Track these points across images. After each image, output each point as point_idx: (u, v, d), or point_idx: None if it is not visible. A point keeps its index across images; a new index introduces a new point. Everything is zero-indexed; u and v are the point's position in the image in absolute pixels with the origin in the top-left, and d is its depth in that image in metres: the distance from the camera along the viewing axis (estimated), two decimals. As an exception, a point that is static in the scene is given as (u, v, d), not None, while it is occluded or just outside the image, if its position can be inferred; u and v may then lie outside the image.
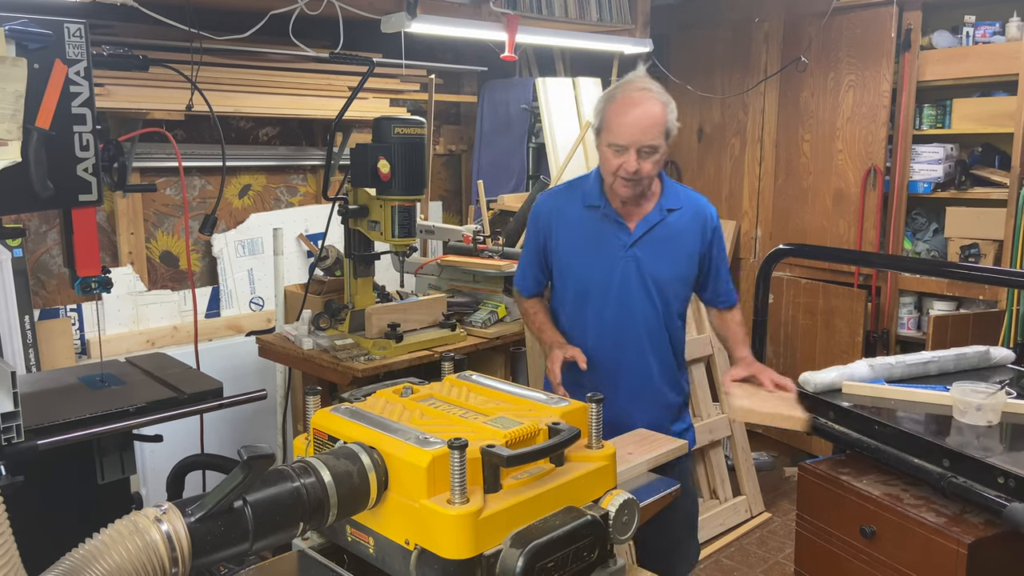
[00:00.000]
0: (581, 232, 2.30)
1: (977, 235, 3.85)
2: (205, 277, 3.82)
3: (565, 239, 2.32)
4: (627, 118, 2.13)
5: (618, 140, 2.13)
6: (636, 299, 2.28)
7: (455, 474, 1.12)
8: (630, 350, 2.31)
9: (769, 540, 3.71)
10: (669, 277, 2.30)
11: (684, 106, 4.94)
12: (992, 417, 1.99)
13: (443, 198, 4.82)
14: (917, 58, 3.96)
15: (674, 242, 2.29)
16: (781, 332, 4.53)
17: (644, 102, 2.14)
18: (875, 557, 1.99)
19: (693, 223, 2.32)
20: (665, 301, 2.31)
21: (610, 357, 2.30)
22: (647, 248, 2.27)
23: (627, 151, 2.13)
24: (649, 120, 2.12)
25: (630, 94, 2.16)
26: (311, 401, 1.38)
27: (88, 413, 1.92)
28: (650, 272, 2.27)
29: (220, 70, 3.46)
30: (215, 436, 3.25)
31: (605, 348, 2.30)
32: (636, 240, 2.26)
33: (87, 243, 1.93)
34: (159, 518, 1.01)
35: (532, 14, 3.81)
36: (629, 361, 2.31)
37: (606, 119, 2.17)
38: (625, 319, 2.29)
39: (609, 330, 2.30)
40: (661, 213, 2.28)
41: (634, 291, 2.27)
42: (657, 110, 2.14)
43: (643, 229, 2.27)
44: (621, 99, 2.16)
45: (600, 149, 2.22)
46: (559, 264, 2.35)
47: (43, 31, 1.75)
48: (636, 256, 2.26)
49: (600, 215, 2.28)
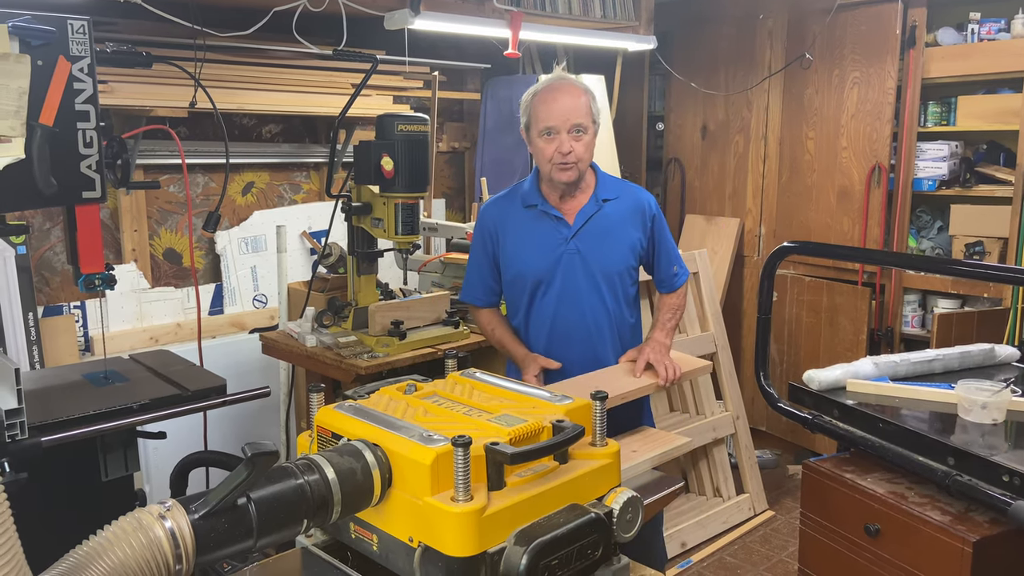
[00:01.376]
0: (523, 232, 2.37)
1: (982, 233, 3.84)
2: (208, 274, 3.82)
3: (510, 242, 2.38)
4: (554, 104, 2.25)
5: (548, 122, 2.24)
6: (583, 291, 2.34)
7: (459, 471, 1.12)
8: (583, 342, 2.37)
9: (773, 538, 3.71)
10: (611, 266, 2.36)
11: (688, 103, 4.94)
12: (997, 415, 1.99)
13: (446, 195, 4.82)
14: (922, 55, 3.94)
15: (613, 232, 2.36)
16: (785, 330, 4.52)
17: (566, 88, 2.27)
18: (879, 555, 1.99)
19: (632, 213, 2.39)
20: (612, 289, 2.37)
21: (564, 351, 2.36)
22: (587, 240, 2.33)
23: (558, 134, 2.23)
24: (573, 102, 2.24)
25: (552, 84, 2.30)
26: (315, 398, 1.37)
27: (92, 410, 1.92)
28: (593, 262, 2.33)
29: (223, 67, 3.46)
30: (218, 433, 3.25)
31: (559, 342, 2.36)
32: (576, 232, 2.33)
33: (91, 240, 1.93)
34: (163, 515, 1.01)
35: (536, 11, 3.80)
36: (583, 353, 2.36)
37: (533, 111, 2.29)
38: (574, 312, 2.35)
39: (561, 325, 2.36)
40: (597, 204, 2.35)
41: (580, 283, 2.33)
42: (579, 94, 2.26)
43: (581, 221, 2.33)
44: (544, 90, 2.28)
45: (534, 144, 2.32)
46: (507, 267, 2.40)
47: (47, 28, 1.75)
48: (577, 248, 2.33)
49: (538, 213, 2.36)
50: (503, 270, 2.42)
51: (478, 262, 2.48)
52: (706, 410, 3.78)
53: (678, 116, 5.04)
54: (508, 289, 2.44)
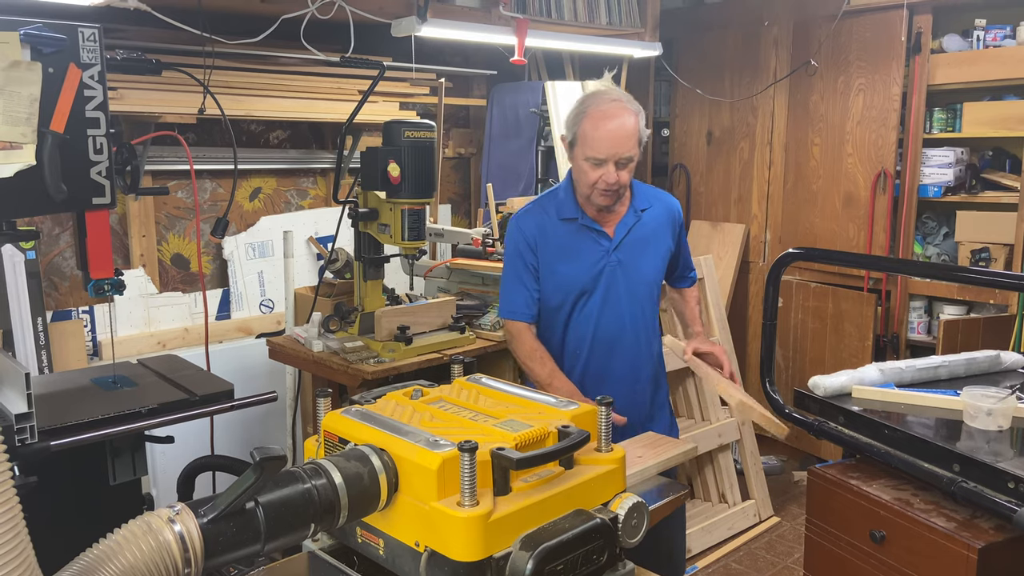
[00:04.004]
0: (564, 246, 2.33)
1: (988, 239, 3.83)
2: (216, 279, 3.84)
3: (551, 255, 2.34)
4: (603, 132, 2.16)
5: (596, 154, 2.18)
6: (623, 300, 2.33)
7: (465, 476, 1.12)
8: (624, 350, 2.36)
9: (778, 544, 3.70)
10: (650, 274, 2.37)
11: (693, 109, 4.95)
12: (1003, 422, 1.99)
13: (452, 201, 4.83)
14: (927, 62, 3.95)
15: (651, 241, 2.36)
16: (790, 336, 4.52)
17: (618, 114, 2.18)
18: (885, 562, 1.99)
19: (665, 220, 2.39)
20: (650, 296, 2.38)
21: (606, 360, 2.35)
22: (628, 251, 2.33)
23: (605, 164, 2.18)
24: (624, 132, 2.17)
25: (603, 107, 2.19)
26: (322, 403, 1.38)
27: (100, 414, 1.93)
28: (634, 272, 2.33)
29: (232, 74, 3.48)
30: (225, 437, 3.26)
31: (600, 352, 2.35)
32: (617, 244, 2.32)
33: (100, 246, 1.94)
34: (172, 519, 1.02)
35: (541, 18, 3.82)
36: (624, 361, 2.36)
37: (581, 133, 2.21)
38: (615, 321, 2.33)
39: (603, 334, 2.34)
40: (636, 215, 2.34)
41: (621, 293, 2.32)
42: (631, 121, 2.19)
43: (622, 232, 2.32)
44: (595, 112, 2.19)
45: (576, 162, 2.26)
46: (547, 280, 2.35)
47: (58, 36, 1.76)
48: (619, 260, 2.32)
49: (578, 227, 2.32)
50: (542, 282, 2.35)
51: (518, 276, 2.36)
52: (711, 416, 3.77)
53: (683, 122, 5.05)
54: (547, 301, 2.36)
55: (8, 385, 1.80)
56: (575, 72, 4.81)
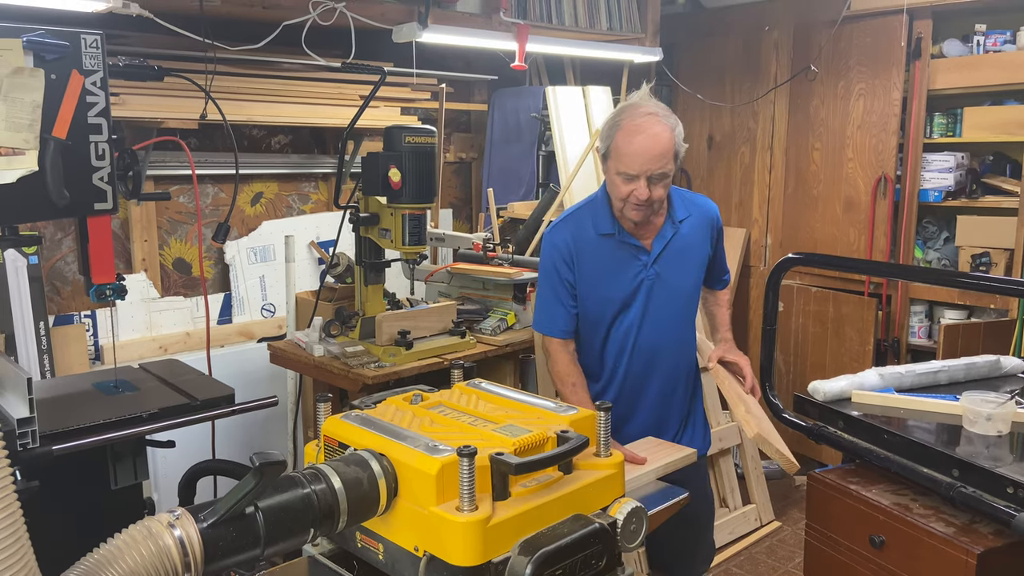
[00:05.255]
0: (602, 261, 2.27)
1: (988, 244, 3.84)
2: (217, 284, 3.85)
3: (589, 270, 2.28)
4: (636, 147, 2.10)
5: (628, 169, 2.11)
6: (663, 312, 2.29)
7: (464, 481, 1.13)
8: (664, 361, 2.33)
9: (779, 549, 3.70)
10: (689, 285, 2.33)
11: (694, 114, 4.96)
12: (1002, 427, 1.99)
13: (453, 206, 4.84)
14: (928, 66, 3.95)
15: (689, 252, 2.32)
16: (791, 340, 4.52)
17: (652, 128, 2.11)
18: (884, 567, 1.99)
19: (703, 228, 2.35)
20: (689, 305, 2.35)
21: (646, 370, 2.32)
22: (666, 264, 2.28)
23: (638, 179, 2.11)
24: (659, 148, 2.10)
25: (637, 120, 2.12)
26: (322, 408, 1.39)
27: (102, 419, 1.93)
28: (673, 283, 2.29)
29: (233, 79, 3.49)
30: (226, 442, 3.27)
31: (640, 362, 2.31)
32: (656, 258, 2.27)
33: (102, 251, 1.95)
34: (172, 523, 1.02)
35: (542, 23, 3.83)
36: (663, 372, 2.33)
37: (614, 147, 2.14)
38: (655, 332, 2.30)
39: (641, 353, 2.31)
40: (674, 226, 2.29)
41: (661, 304, 2.28)
42: (666, 136, 2.12)
43: (660, 246, 2.27)
44: (628, 126, 2.12)
45: (609, 176, 2.20)
46: (586, 294, 2.29)
47: (60, 42, 1.77)
48: (658, 272, 2.27)
49: (616, 242, 2.26)
50: (580, 297, 2.30)
51: (554, 292, 2.29)
52: (712, 420, 3.77)
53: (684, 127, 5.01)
54: (585, 314, 2.32)
55: (10, 390, 1.81)
56: (576, 77, 4.82)
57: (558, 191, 3.86)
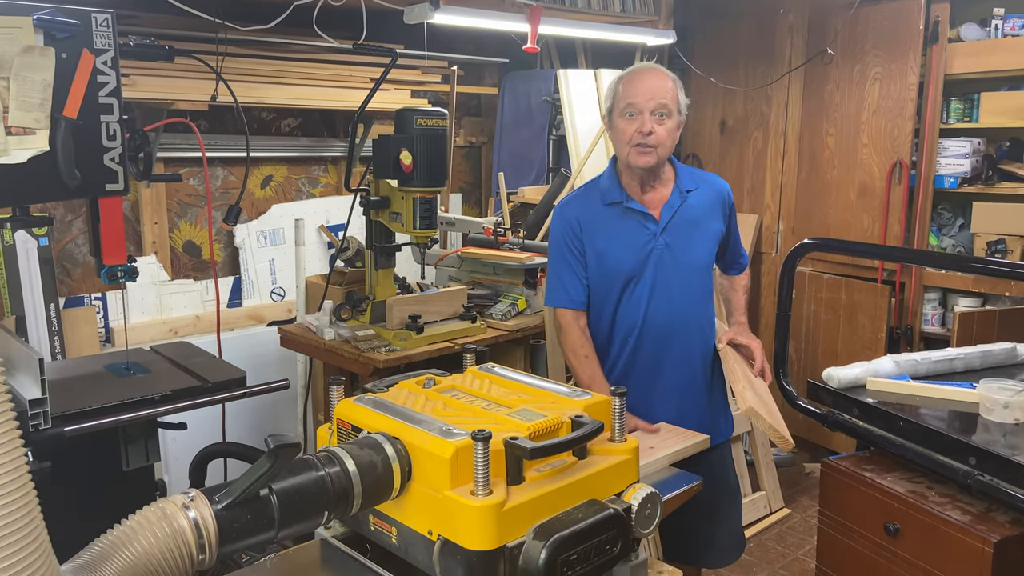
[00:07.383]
0: (610, 230, 2.27)
1: (1004, 231, 3.80)
2: (227, 267, 3.85)
3: (598, 241, 2.27)
4: (639, 83, 2.20)
5: (631, 99, 2.18)
6: (673, 285, 2.26)
7: (479, 466, 1.12)
8: (675, 336, 2.29)
9: (789, 536, 3.69)
10: (700, 258, 2.30)
11: (706, 99, 4.92)
12: (1019, 415, 1.97)
13: (464, 190, 4.82)
14: (945, 51, 3.90)
15: (699, 223, 2.30)
16: (803, 327, 4.50)
17: (654, 71, 2.24)
18: (899, 555, 1.98)
19: (714, 203, 2.33)
20: (703, 281, 2.31)
21: (657, 346, 2.28)
22: (675, 234, 2.26)
23: (641, 113, 2.17)
24: (661, 84, 2.19)
25: (640, 67, 2.28)
26: (335, 391, 1.38)
27: (114, 400, 1.93)
28: (683, 255, 2.26)
29: (244, 61, 3.47)
30: (236, 424, 3.27)
31: (651, 338, 2.28)
32: (664, 227, 2.25)
33: (113, 232, 1.94)
34: (187, 505, 1.02)
35: (555, 5, 3.79)
36: (675, 348, 2.29)
37: (617, 95, 2.23)
38: (665, 307, 2.26)
39: (652, 320, 2.27)
40: (681, 196, 2.28)
41: (671, 277, 2.25)
42: (668, 79, 2.22)
43: (668, 215, 2.26)
44: (631, 72, 2.26)
45: (614, 127, 2.24)
46: (595, 266, 2.29)
47: (71, 21, 1.76)
48: (667, 243, 2.25)
49: (623, 210, 2.26)
50: (589, 269, 2.30)
51: (565, 262, 2.30)
52: (723, 407, 3.76)
53: (697, 111, 5.01)
54: (595, 288, 2.31)
55: (22, 371, 1.80)
56: (588, 60, 4.78)
57: (569, 176, 3.84)
